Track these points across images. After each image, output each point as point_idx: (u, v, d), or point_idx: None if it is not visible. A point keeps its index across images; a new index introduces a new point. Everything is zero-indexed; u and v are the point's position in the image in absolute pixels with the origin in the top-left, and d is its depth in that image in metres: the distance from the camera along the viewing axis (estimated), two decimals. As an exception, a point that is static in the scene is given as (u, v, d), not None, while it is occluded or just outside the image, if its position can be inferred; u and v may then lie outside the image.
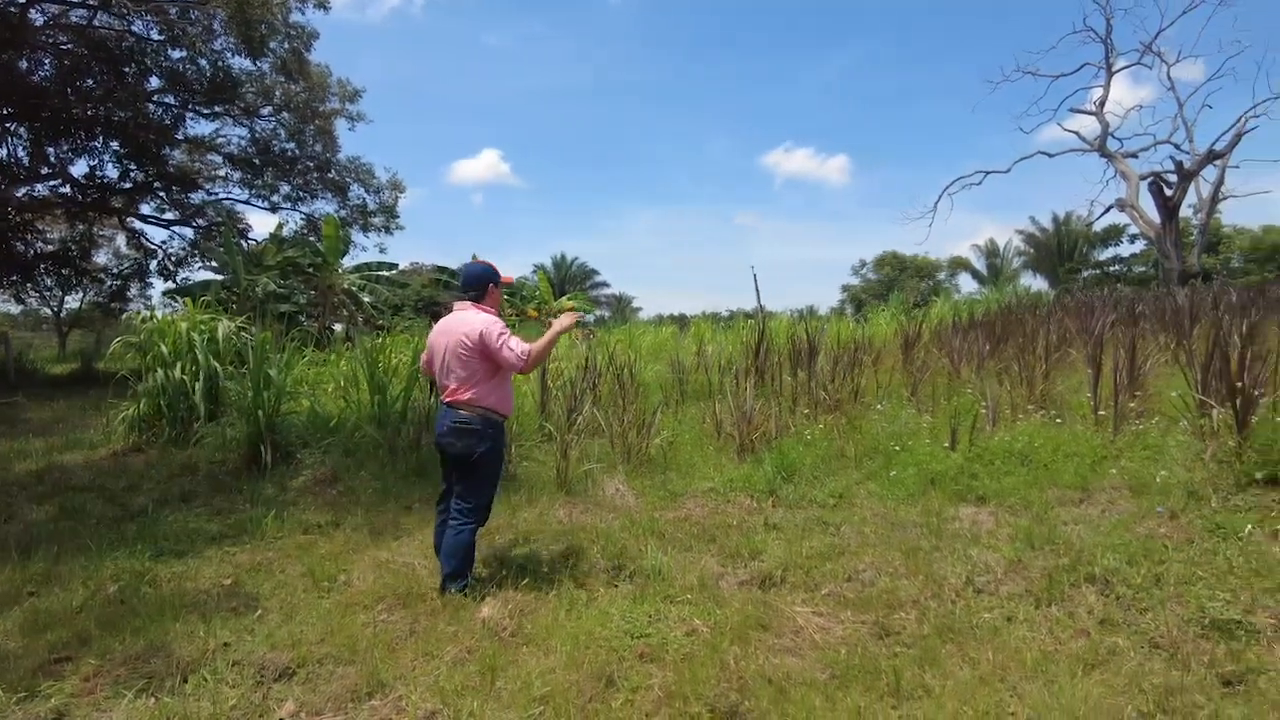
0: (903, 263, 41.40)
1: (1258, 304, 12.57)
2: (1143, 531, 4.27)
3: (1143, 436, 5.80)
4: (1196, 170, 22.15)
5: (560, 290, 37.49)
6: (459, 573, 4.02)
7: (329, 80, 21.07)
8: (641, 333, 16.29)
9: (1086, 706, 2.71)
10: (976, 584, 3.87)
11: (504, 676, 3.15)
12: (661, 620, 3.58)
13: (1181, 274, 21.37)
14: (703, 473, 6.20)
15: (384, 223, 24.11)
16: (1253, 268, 32.80)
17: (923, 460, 5.78)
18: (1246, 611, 3.29)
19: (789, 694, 2.92)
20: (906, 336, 10.10)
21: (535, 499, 5.62)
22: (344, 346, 11.51)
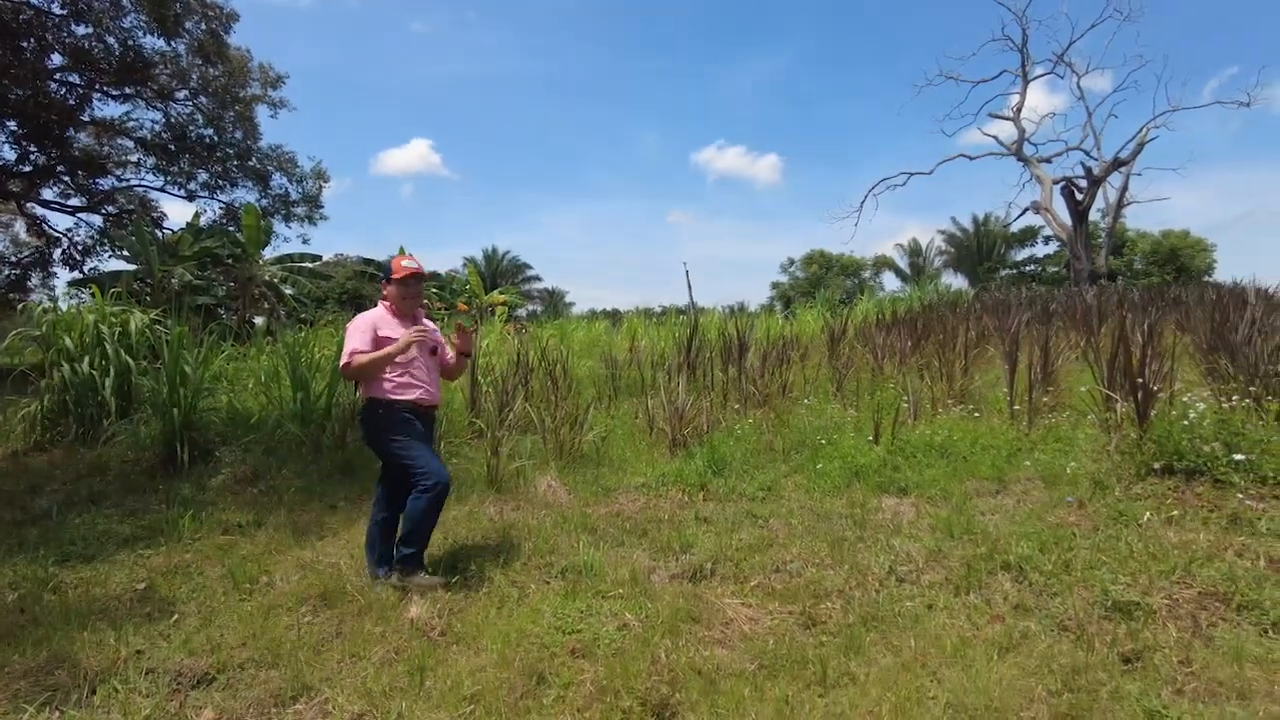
0: (830, 261, 42.28)
1: (1157, 304, 13.32)
2: (1054, 520, 4.48)
3: (1055, 430, 6.08)
4: (1104, 176, 23.26)
5: (491, 284, 37.02)
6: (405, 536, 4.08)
7: (250, 64, 20.29)
8: (574, 328, 16.20)
9: (1001, 688, 2.83)
10: (899, 573, 4.00)
11: (433, 676, 3.11)
12: (593, 616, 3.58)
13: (1091, 274, 22.42)
14: (635, 468, 6.23)
15: (307, 213, 23.40)
16: (1153, 269, 34.68)
17: (847, 454, 5.93)
18: (1144, 593, 3.49)
19: (718, 685, 2.96)
20: (832, 333, 10.33)
21: (465, 497, 5.55)
22: (265, 340, 11.15)
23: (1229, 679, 2.84)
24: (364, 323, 4.09)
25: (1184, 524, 4.24)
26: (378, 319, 4.13)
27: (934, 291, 22.62)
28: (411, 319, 4.22)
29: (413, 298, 4.24)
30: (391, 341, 4.01)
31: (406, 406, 4.09)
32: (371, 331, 4.05)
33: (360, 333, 4.03)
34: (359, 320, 4.12)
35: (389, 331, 4.07)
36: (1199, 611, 3.37)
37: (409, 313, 4.23)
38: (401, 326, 4.12)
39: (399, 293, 4.19)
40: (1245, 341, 6.29)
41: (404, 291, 4.20)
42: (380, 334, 4.06)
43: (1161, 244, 35.57)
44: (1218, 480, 4.60)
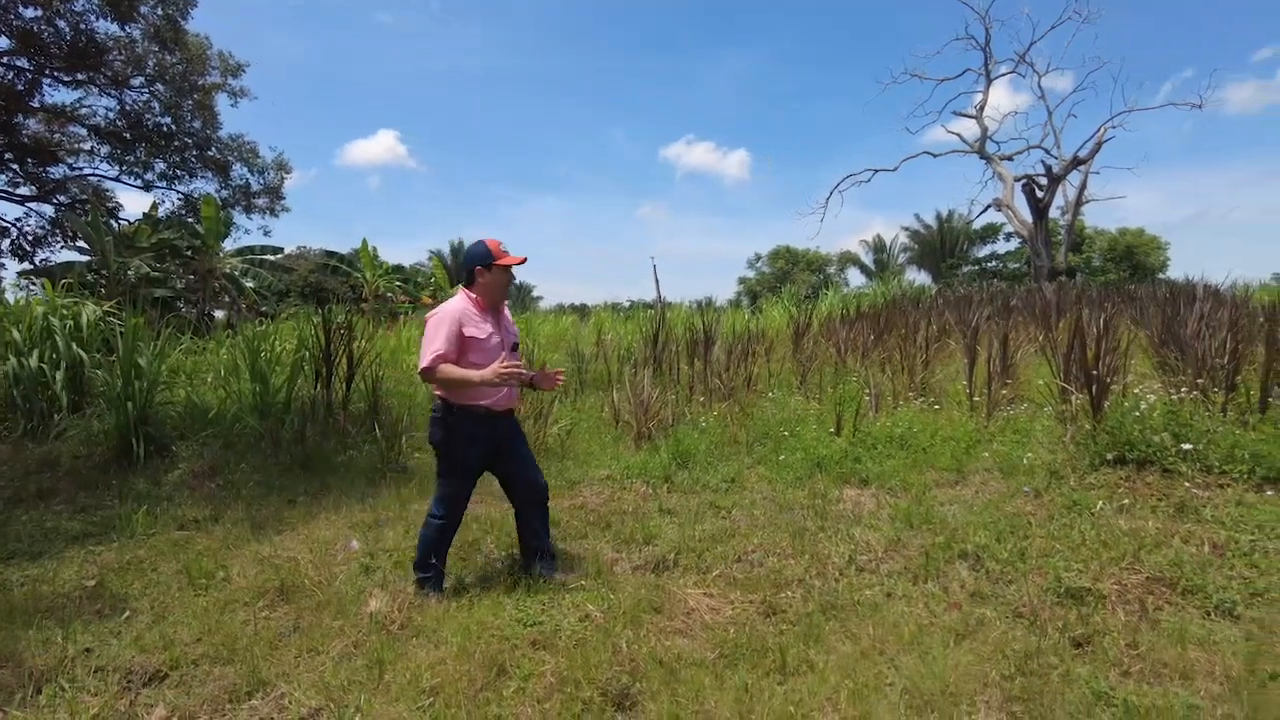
0: (795, 256, 42.55)
1: (1113, 300, 13.62)
2: (1010, 510, 4.56)
3: (1013, 421, 6.19)
4: (1063, 174, 23.66)
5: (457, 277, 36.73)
6: (418, 563, 3.89)
7: (209, 52, 19.80)
8: (541, 322, 16.16)
9: (956, 674, 2.88)
10: (858, 562, 4.05)
11: (392, 670, 3.08)
12: (555, 607, 3.57)
13: (1050, 271, 22.83)
14: (600, 461, 6.23)
15: (269, 204, 22.97)
16: (1110, 266, 35.48)
17: (810, 445, 5.99)
18: (1095, 579, 3.57)
19: (679, 674, 2.97)
20: (797, 327, 10.41)
21: (427, 491, 5.49)
22: (225, 334, 10.94)
23: (1173, 660, 2.92)
24: (447, 318, 3.64)
25: (1134, 512, 4.34)
26: (462, 314, 3.68)
27: (898, 287, 22.90)
28: (497, 311, 3.86)
29: (506, 288, 3.85)
30: (479, 343, 3.66)
31: (482, 414, 3.74)
32: (456, 329, 3.63)
33: (444, 331, 3.60)
34: (441, 314, 3.67)
35: (475, 330, 3.67)
36: (1146, 596, 3.45)
37: (497, 305, 3.85)
38: (487, 323, 3.74)
39: (497, 282, 3.77)
40: (1194, 336, 6.46)
41: (504, 280, 3.80)
42: (466, 333, 3.65)
43: (1118, 241, 36.39)
44: (1166, 469, 4.72)
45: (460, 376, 3.58)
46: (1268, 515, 4.08)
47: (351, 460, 6.38)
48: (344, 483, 5.92)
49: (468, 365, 3.63)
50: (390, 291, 24.95)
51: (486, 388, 3.64)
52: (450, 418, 3.73)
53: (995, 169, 24.96)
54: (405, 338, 11.57)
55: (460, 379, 3.59)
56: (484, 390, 3.67)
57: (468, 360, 3.65)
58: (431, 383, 3.73)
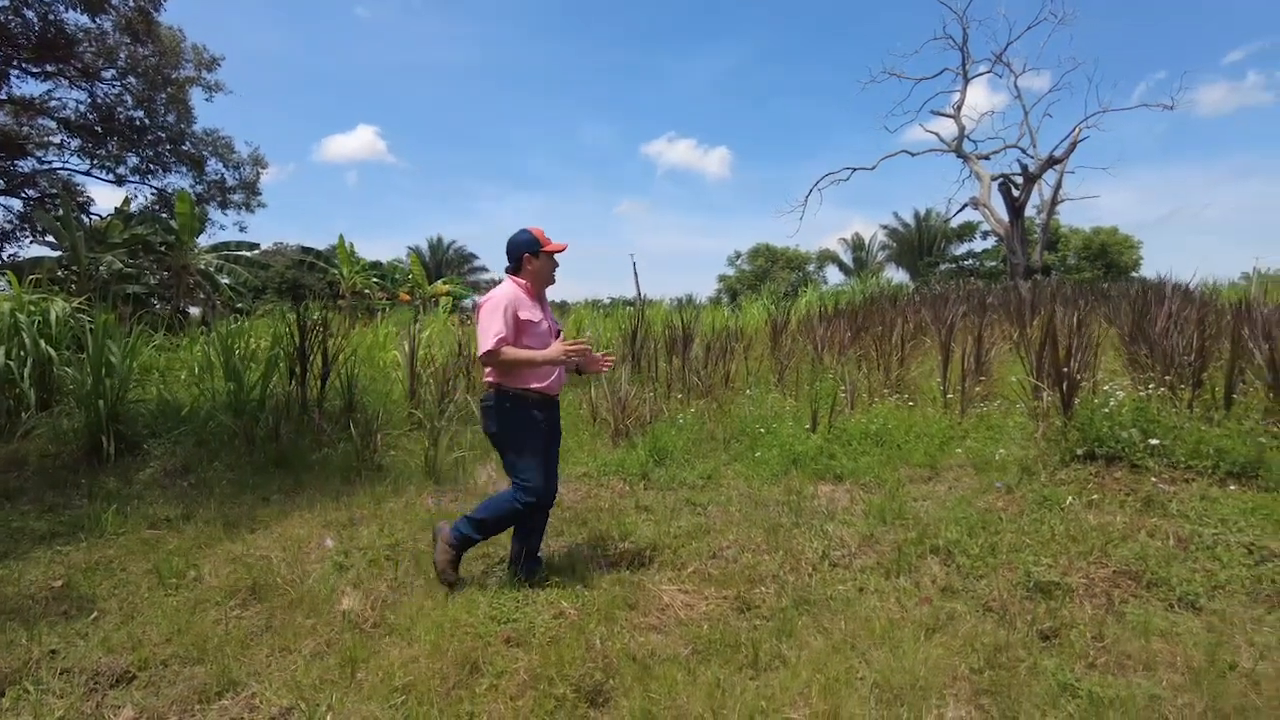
0: (775, 254, 42.75)
1: (1087, 298, 13.81)
2: (982, 505, 4.62)
3: (986, 418, 6.27)
4: (1039, 174, 23.89)
5: (436, 274, 36.56)
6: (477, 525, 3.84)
7: (182, 45, 19.58)
8: (520, 319, 16.12)
9: (926, 667, 2.91)
10: (832, 558, 4.08)
11: (365, 668, 3.06)
12: (529, 605, 3.57)
13: (1026, 269, 23.06)
14: (577, 458, 6.22)
15: (244, 200, 22.77)
16: (1085, 265, 35.95)
17: (786, 442, 6.02)
18: (1064, 574, 3.63)
19: (652, 670, 2.98)
20: (775, 325, 10.46)
21: (402, 488, 5.48)
22: (199, 331, 10.82)
23: (1137, 652, 2.97)
24: (502, 302, 3.67)
25: (1103, 507, 4.41)
26: (515, 299, 3.72)
27: (876, 285, 23.06)
28: (542, 299, 3.93)
29: (552, 273, 3.91)
30: (533, 326, 3.71)
31: (536, 398, 3.76)
32: (512, 314, 3.66)
33: (500, 315, 3.63)
34: (495, 299, 3.70)
35: (529, 315, 3.72)
36: (1113, 589, 3.51)
37: (544, 290, 3.93)
38: (537, 309, 3.80)
39: (545, 268, 3.85)
40: (1163, 334, 6.56)
41: (551, 266, 3.87)
42: (521, 317, 3.70)
43: (1092, 240, 36.87)
44: (1135, 465, 4.79)
45: (525, 357, 3.63)
46: (1230, 509, 4.16)
47: (326, 458, 6.33)
48: (318, 481, 5.87)
49: (522, 348, 3.68)
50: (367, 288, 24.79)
51: (540, 371, 3.72)
52: (506, 403, 3.74)
53: (972, 168, 25.17)
54: (382, 334, 11.49)
55: (525, 359, 3.63)
56: (538, 373, 3.73)
57: (522, 344, 3.69)
58: (492, 365, 3.73)
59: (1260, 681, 2.73)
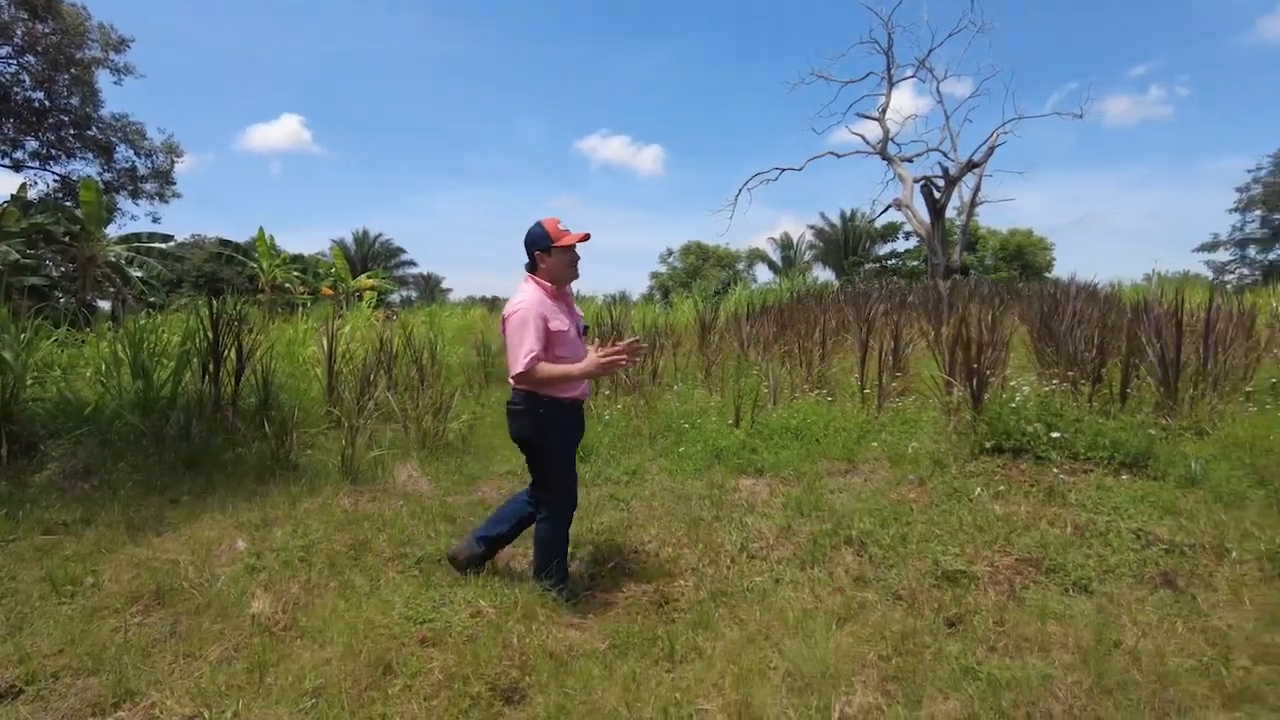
0: (706, 252, 43.13)
1: (1002, 296, 14.36)
2: (895, 497, 4.76)
3: (902, 412, 6.46)
4: (958, 177, 24.70)
5: (362, 267, 35.66)
6: (541, 566, 3.65)
7: (87, 23, 18.59)
8: (448, 314, 15.88)
9: (837, 656, 2.99)
10: (750, 550, 4.15)
11: (274, 672, 2.99)
12: (446, 605, 3.52)
13: (946, 269, 23.82)
14: (502, 456, 6.17)
15: (157, 189, 21.81)
16: (1002, 265, 37.33)
17: (710, 436, 6.10)
18: (970, 562, 3.77)
19: (569, 666, 2.99)
20: (703, 322, 10.57)
21: (318, 488, 5.34)
22: (107, 326, 10.31)
23: (1034, 635, 3.12)
24: (531, 313, 3.39)
25: (1008, 497, 4.60)
26: (543, 308, 3.45)
27: (803, 283, 23.50)
28: (566, 295, 3.66)
29: (575, 267, 3.59)
30: (563, 336, 3.46)
31: (569, 405, 3.59)
32: (543, 325, 3.41)
33: (531, 329, 3.37)
34: (523, 311, 3.41)
35: (559, 324, 3.46)
36: (1015, 576, 3.67)
37: (565, 289, 3.64)
38: (563, 312, 3.53)
39: (560, 264, 3.52)
40: (1067, 332, 6.87)
41: (570, 260, 3.55)
42: (551, 327, 3.43)
43: (1009, 242, 38.28)
44: (1039, 457, 5.01)
45: (561, 373, 3.42)
46: (1123, 498, 4.39)
47: (240, 458, 6.11)
48: (231, 481, 5.67)
49: (554, 360, 3.46)
50: (289, 282, 24.03)
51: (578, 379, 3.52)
52: (541, 409, 3.53)
53: (896, 170, 25.83)
54: (301, 330, 11.16)
55: (561, 375, 3.43)
56: (576, 382, 3.55)
57: (554, 355, 3.47)
58: (527, 385, 3.52)
59: (1141, 658, 2.90)
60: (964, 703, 2.70)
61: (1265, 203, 38.75)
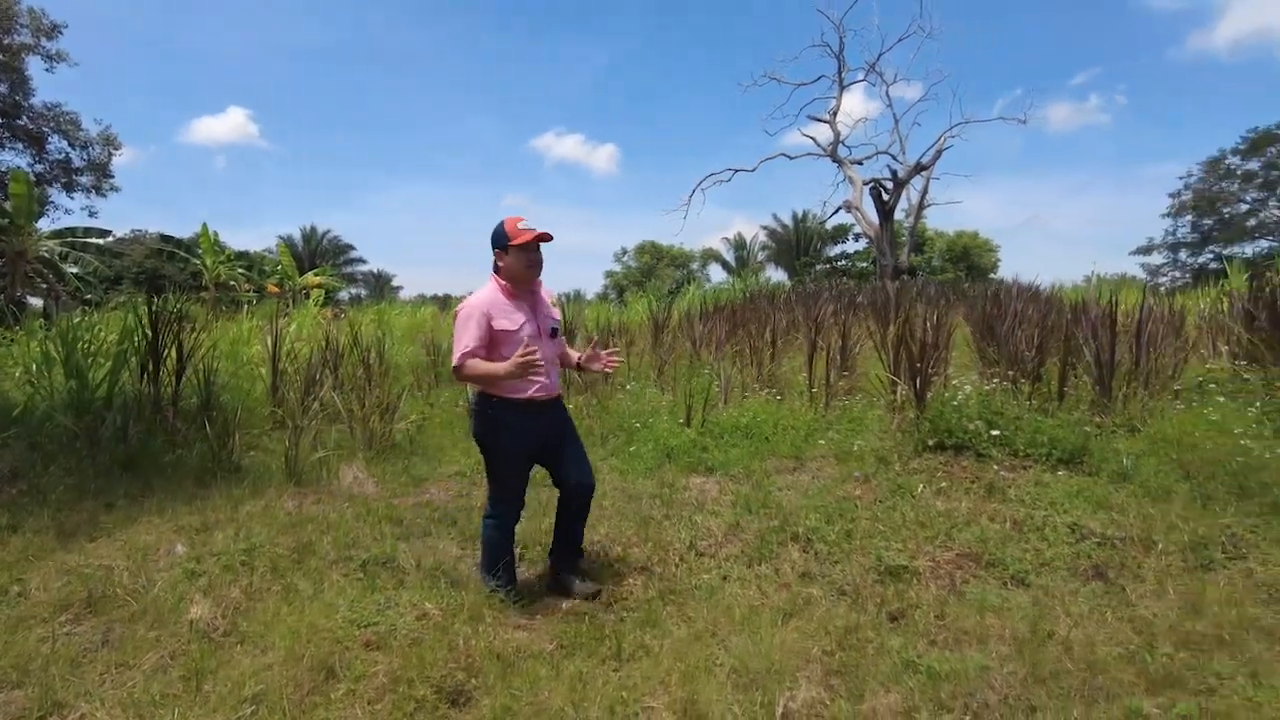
0: (660, 252, 43.34)
1: (948, 297, 14.68)
2: (841, 494, 4.84)
3: (848, 411, 6.56)
4: (907, 179, 25.22)
5: (309, 264, 34.97)
6: (487, 567, 3.69)
7: (15, 7, 17.88)
8: (397, 312, 15.66)
9: (782, 651, 3.03)
10: (699, 547, 4.18)
11: (213, 679, 2.91)
12: (392, 607, 3.48)
13: (894, 270, 24.30)
14: (451, 457, 6.12)
15: (94, 182, 21.09)
16: (949, 266, 38.21)
17: (661, 436, 6.12)
18: (912, 557, 3.86)
19: (516, 667, 2.98)
20: (656, 322, 10.61)
21: (261, 490, 5.22)
22: (39, 324, 9.94)
23: (973, 628, 3.20)
24: (474, 311, 3.41)
25: (950, 494, 4.71)
26: (490, 305, 3.44)
27: (756, 283, 23.75)
28: (531, 295, 3.59)
29: (536, 266, 3.53)
30: (510, 335, 3.42)
31: (521, 405, 3.52)
32: (485, 323, 3.41)
33: (471, 326, 3.39)
34: (468, 307, 3.44)
35: (506, 322, 3.44)
36: (956, 571, 3.76)
37: (528, 288, 3.57)
38: (517, 310, 3.49)
39: (518, 264, 3.47)
40: (1009, 332, 7.06)
41: (528, 260, 3.48)
42: (496, 326, 3.42)
43: (956, 243, 39.22)
44: (980, 454, 5.15)
45: (485, 372, 3.40)
46: (1059, 493, 4.53)
47: (180, 460, 5.95)
48: (170, 484, 5.51)
49: (499, 359, 3.42)
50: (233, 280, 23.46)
51: (521, 382, 3.45)
52: (490, 409, 3.53)
53: (846, 172, 26.25)
54: (246, 328, 10.90)
55: (485, 374, 3.41)
56: (521, 382, 3.45)
57: (500, 354, 3.43)
58: (461, 380, 3.53)
59: (1073, 647, 3.00)
60: (904, 695, 2.76)
61: (1195, 209, 40.35)
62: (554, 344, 3.66)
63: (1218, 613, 3.21)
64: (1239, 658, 2.89)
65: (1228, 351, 7.26)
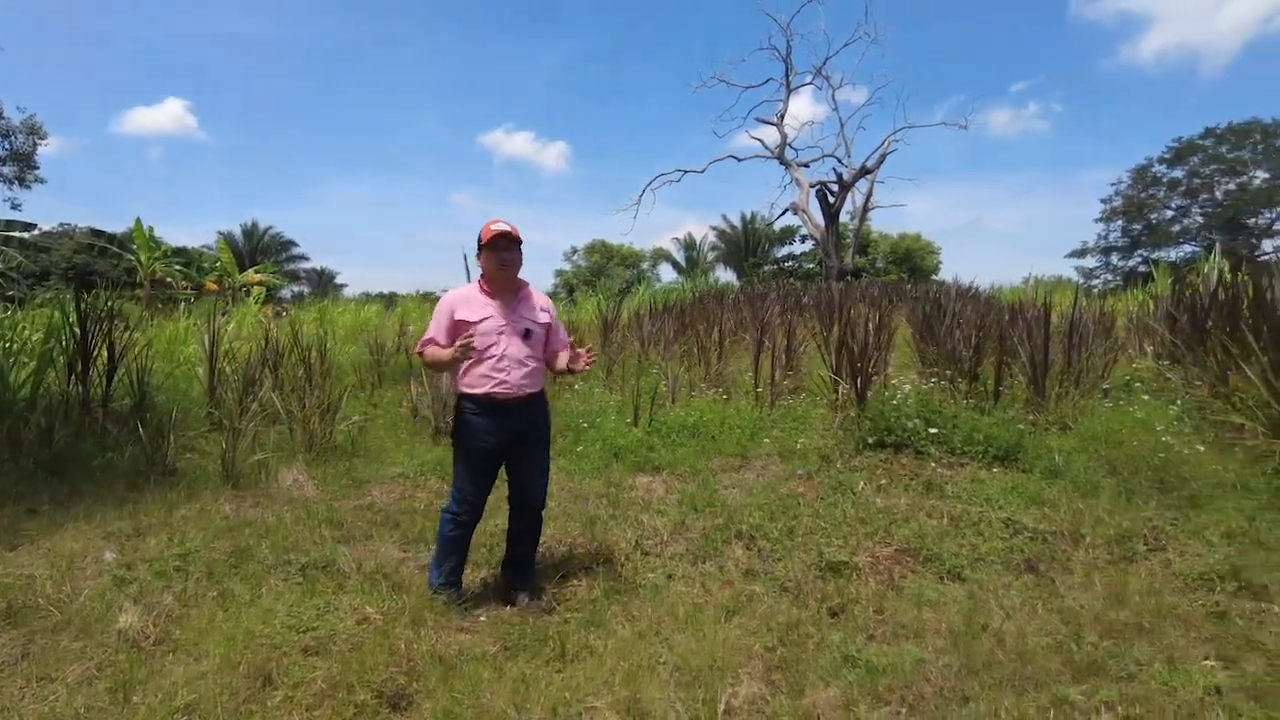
0: (611, 251, 43.26)
1: (891, 298, 14.99)
2: (785, 491, 4.91)
3: (793, 410, 6.67)
4: (852, 182, 25.70)
5: (250, 261, 34.06)
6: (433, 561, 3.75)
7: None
8: (341, 311, 15.35)
9: (725, 648, 3.06)
10: (644, 547, 4.21)
11: (142, 690, 2.82)
12: (332, 612, 3.41)
13: (840, 271, 24.72)
14: (393, 458, 6.03)
15: (17, 173, 20.20)
16: (892, 268, 38.93)
17: (609, 435, 6.14)
18: (853, 553, 3.94)
19: (459, 669, 2.95)
20: (605, 321, 10.61)
21: (197, 494, 5.07)
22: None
23: (910, 622, 3.28)
24: (443, 303, 3.61)
25: (890, 491, 4.82)
26: (459, 299, 3.57)
27: (705, 283, 23.91)
28: (511, 293, 3.61)
29: (507, 266, 3.55)
30: (467, 326, 3.48)
31: (483, 400, 3.52)
32: (448, 314, 3.54)
33: (437, 316, 3.58)
34: (442, 300, 3.67)
35: (467, 314, 3.52)
36: (894, 566, 3.85)
37: (506, 286, 3.59)
38: (486, 306, 3.54)
39: (491, 262, 3.53)
40: (947, 332, 7.25)
41: (497, 259, 3.51)
42: (457, 317, 3.53)
43: (899, 245, 39.96)
44: (919, 451, 5.28)
45: (435, 357, 3.56)
46: (994, 490, 4.67)
47: (111, 463, 5.74)
48: (99, 488, 5.32)
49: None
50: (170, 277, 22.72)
51: (476, 373, 3.51)
52: (458, 404, 3.64)
53: (793, 175, 26.62)
54: (183, 327, 10.58)
55: (435, 359, 3.56)
56: (475, 376, 3.52)
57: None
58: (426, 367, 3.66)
59: (1005, 639, 3.09)
60: (844, 689, 2.81)
61: (1125, 214, 41.96)
62: (526, 344, 3.59)
63: (1139, 602, 3.35)
64: (1157, 644, 3.02)
65: (1152, 351, 7.56)
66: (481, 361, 3.49)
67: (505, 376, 3.53)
